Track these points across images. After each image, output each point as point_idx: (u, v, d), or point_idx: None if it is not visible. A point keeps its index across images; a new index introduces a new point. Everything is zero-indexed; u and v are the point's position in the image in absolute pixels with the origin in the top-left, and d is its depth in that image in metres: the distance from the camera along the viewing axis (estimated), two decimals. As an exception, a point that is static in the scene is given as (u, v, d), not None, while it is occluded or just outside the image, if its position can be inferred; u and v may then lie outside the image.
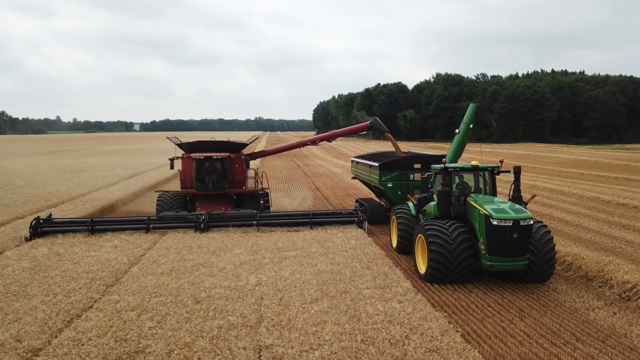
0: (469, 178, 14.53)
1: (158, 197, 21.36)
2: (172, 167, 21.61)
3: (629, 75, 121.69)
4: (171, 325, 9.46)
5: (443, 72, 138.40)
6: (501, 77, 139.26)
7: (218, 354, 8.22)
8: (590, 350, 9.17)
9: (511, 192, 13.84)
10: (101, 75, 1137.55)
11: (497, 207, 12.23)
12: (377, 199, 22.90)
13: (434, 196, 14.61)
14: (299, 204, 26.74)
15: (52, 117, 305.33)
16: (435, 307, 10.76)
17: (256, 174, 22.22)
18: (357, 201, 22.29)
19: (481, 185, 14.29)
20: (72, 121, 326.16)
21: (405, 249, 15.41)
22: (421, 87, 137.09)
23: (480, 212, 12.32)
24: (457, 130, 18.26)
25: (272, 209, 22.07)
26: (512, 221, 11.71)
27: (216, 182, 20.59)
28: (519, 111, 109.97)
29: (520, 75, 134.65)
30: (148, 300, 10.87)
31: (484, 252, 12.17)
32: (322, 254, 14.57)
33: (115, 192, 28.97)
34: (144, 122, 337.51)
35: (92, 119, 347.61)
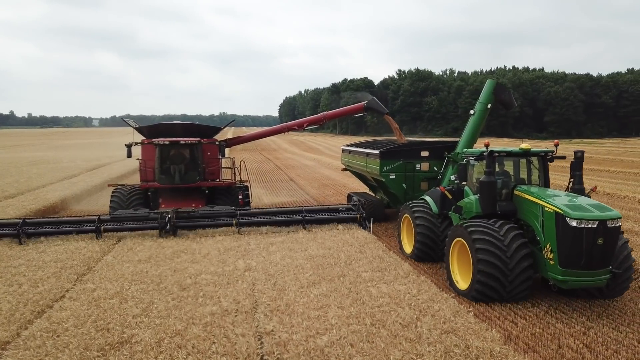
0: (508, 166, 11.84)
1: (112, 193, 17.85)
2: (129, 154, 17.68)
3: (584, 73, 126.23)
4: (158, 312, 8.53)
5: (402, 69, 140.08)
6: (467, 73, 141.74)
7: (214, 342, 7.38)
8: (604, 329, 8.81)
9: (570, 183, 11.05)
10: (50, 68, 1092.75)
11: (570, 202, 9.43)
12: (371, 193, 20.29)
13: (466, 189, 12.01)
14: (280, 196, 25.94)
15: (5, 112, 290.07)
16: (440, 288, 10.18)
17: (233, 163, 19.16)
18: (349, 196, 19.49)
19: (523, 175, 11.61)
20: (26, 116, 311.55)
21: (426, 256, 12.74)
22: (387, 83, 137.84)
23: (547, 209, 9.49)
24: (472, 112, 15.93)
25: (251, 204, 19.15)
26: (597, 222, 8.85)
27: (184, 173, 17.02)
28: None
29: (484, 71, 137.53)
30: (128, 288, 9.87)
31: (553, 263, 9.38)
32: (310, 239, 13.82)
33: (78, 183, 27.37)
34: (104, 117, 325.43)
35: (48, 114, 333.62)
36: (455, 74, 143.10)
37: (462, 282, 10.40)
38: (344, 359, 6.86)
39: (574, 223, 8.92)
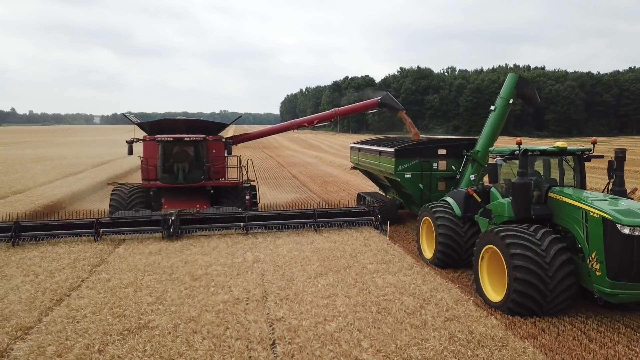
0: (537, 166, 11.02)
1: (112, 192, 16.92)
2: (130, 152, 16.92)
3: (585, 71, 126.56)
4: (172, 300, 8.89)
5: (401, 67, 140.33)
6: (468, 71, 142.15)
7: (228, 327, 7.72)
8: (602, 317, 9.15)
9: (610, 184, 10.35)
10: (47, 65, 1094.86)
11: (619, 207, 8.59)
12: (382, 193, 19.40)
13: (493, 190, 11.26)
14: (284, 193, 26.28)
15: (6, 109, 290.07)
16: (444, 279, 10.52)
17: (240, 161, 17.97)
18: (360, 196, 18.66)
19: (554, 176, 10.84)
20: (28, 113, 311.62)
21: (450, 261, 11.86)
22: (389, 81, 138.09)
23: (592, 214, 8.61)
24: (492, 107, 15.13)
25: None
26: None
27: (188, 172, 16.26)
28: (485, 104, 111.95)
29: (485, 69, 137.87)
30: (141, 278, 10.23)
31: (599, 274, 8.46)
32: (315, 233, 14.16)
33: (84, 179, 27.70)
34: (105, 114, 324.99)
35: (50, 112, 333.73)
36: (457, 72, 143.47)
37: (495, 293, 9.55)
38: (352, 344, 7.18)
39: (626, 230, 8.07)
